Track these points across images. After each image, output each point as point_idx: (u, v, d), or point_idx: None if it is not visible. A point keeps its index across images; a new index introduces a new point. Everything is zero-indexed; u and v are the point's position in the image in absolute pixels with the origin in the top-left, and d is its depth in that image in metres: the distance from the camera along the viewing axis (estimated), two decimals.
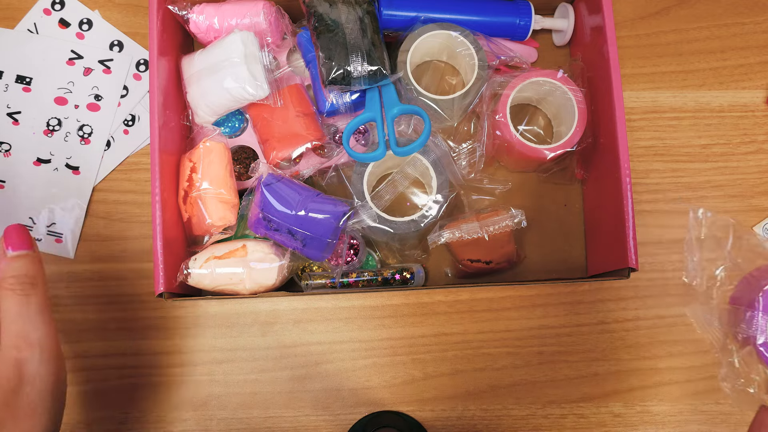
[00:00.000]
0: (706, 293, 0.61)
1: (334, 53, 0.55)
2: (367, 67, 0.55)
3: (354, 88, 0.56)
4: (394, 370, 0.61)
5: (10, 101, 0.64)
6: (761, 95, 0.66)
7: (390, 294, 0.62)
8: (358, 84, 0.55)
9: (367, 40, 0.56)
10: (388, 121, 0.56)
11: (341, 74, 0.55)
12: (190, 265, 0.54)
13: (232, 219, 0.56)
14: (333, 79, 0.55)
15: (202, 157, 0.56)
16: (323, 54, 0.55)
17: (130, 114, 0.65)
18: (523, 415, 0.61)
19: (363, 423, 0.59)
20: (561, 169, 0.60)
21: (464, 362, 0.61)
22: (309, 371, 0.61)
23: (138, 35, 0.66)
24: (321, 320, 0.62)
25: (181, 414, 0.60)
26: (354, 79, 0.55)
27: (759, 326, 0.56)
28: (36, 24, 0.65)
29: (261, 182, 0.55)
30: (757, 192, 0.64)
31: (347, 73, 0.55)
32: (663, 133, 0.65)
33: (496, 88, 0.58)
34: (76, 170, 0.63)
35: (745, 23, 0.67)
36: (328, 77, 0.55)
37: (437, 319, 0.62)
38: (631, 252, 0.52)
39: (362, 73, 0.55)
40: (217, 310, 0.62)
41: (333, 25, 0.56)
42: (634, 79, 0.66)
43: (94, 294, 0.62)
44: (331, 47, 0.55)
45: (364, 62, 0.55)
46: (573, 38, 0.64)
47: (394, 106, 0.56)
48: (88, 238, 0.63)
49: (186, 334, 0.61)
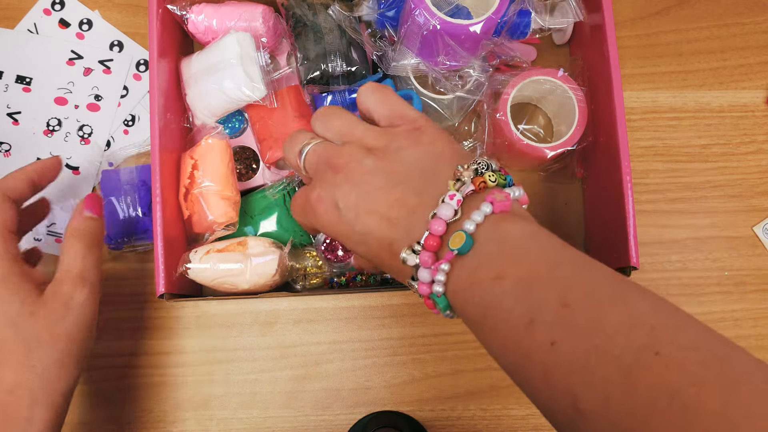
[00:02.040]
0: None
1: (312, 54, 0.55)
2: (345, 67, 0.55)
3: (332, 88, 0.57)
4: (394, 370, 0.61)
5: (10, 101, 0.64)
6: (761, 95, 0.66)
7: (390, 294, 0.62)
8: (337, 84, 0.56)
9: (345, 41, 0.56)
10: None
11: (319, 75, 0.55)
12: (190, 259, 0.54)
13: (234, 216, 0.56)
14: (311, 78, 0.55)
15: (204, 154, 0.56)
16: (301, 54, 0.56)
17: (130, 114, 0.65)
18: (523, 415, 0.61)
19: (363, 423, 0.59)
20: (561, 168, 0.60)
21: (464, 362, 0.61)
22: (309, 371, 0.61)
23: (138, 35, 0.66)
24: (321, 320, 0.62)
25: (181, 414, 0.60)
26: (332, 78, 0.55)
27: None
28: (36, 24, 0.65)
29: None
30: (757, 192, 0.64)
31: (325, 73, 0.55)
32: (663, 133, 0.65)
33: (497, 86, 0.58)
34: (76, 170, 0.63)
35: (745, 23, 0.67)
36: (306, 77, 0.55)
37: (437, 319, 0.62)
38: (632, 250, 0.52)
39: (340, 73, 0.55)
40: (217, 310, 0.62)
41: (311, 26, 0.56)
42: (634, 79, 0.66)
43: None
44: (308, 48, 0.55)
45: (342, 62, 0.55)
46: (573, 37, 0.64)
47: None
48: None
49: (186, 334, 0.61)
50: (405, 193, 0.36)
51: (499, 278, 0.33)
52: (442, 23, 0.51)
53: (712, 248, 0.64)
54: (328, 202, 0.38)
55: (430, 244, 0.34)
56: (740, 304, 0.63)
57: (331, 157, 0.39)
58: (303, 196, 0.41)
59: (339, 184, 0.38)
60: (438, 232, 0.34)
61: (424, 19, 0.51)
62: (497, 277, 0.33)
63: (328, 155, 0.39)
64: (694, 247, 0.64)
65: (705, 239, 0.64)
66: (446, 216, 0.34)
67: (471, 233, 0.34)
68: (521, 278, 0.33)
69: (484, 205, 0.34)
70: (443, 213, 0.34)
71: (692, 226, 0.64)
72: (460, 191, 0.35)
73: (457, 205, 0.35)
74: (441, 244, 0.35)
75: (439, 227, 0.34)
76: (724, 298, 0.63)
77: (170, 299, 0.53)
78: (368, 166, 0.38)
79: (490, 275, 0.33)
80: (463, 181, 0.36)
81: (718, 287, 0.63)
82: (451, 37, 0.52)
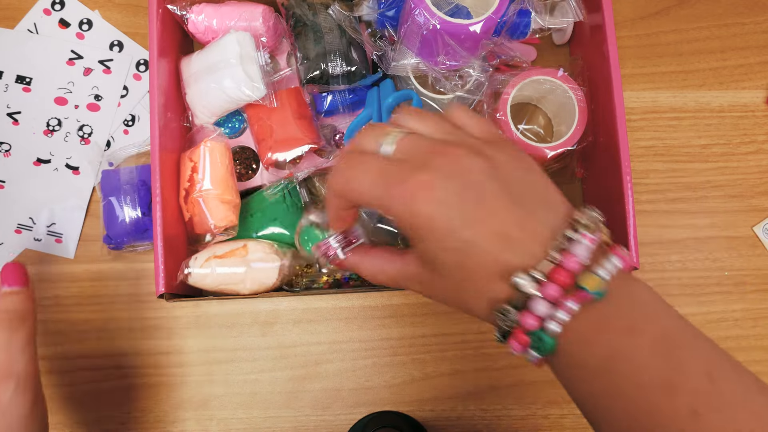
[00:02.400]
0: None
1: (312, 53, 0.55)
2: (345, 66, 0.55)
3: (332, 88, 0.57)
4: (394, 370, 0.61)
5: (10, 101, 0.64)
6: (761, 95, 0.66)
7: (390, 294, 0.62)
8: (336, 83, 0.56)
9: (345, 40, 0.56)
10: (384, 111, 0.56)
11: (319, 74, 0.55)
12: (191, 265, 0.54)
13: (234, 219, 0.56)
14: (311, 78, 0.55)
15: (203, 157, 0.56)
16: (301, 54, 0.56)
17: (130, 114, 0.65)
18: (523, 415, 0.61)
19: (363, 423, 0.59)
20: (561, 168, 0.60)
21: (464, 362, 0.61)
22: (309, 371, 0.61)
23: (138, 35, 0.66)
24: (321, 320, 0.62)
25: (181, 414, 0.60)
26: (332, 78, 0.55)
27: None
28: (36, 24, 0.65)
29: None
30: (757, 192, 0.64)
31: (325, 73, 0.55)
32: (663, 133, 0.65)
33: (497, 86, 0.58)
34: (76, 170, 0.63)
35: (745, 23, 0.67)
36: (305, 77, 0.55)
37: (437, 319, 0.62)
38: (633, 250, 0.52)
39: (340, 73, 0.55)
40: (217, 310, 0.62)
41: (311, 26, 0.56)
42: (634, 79, 0.66)
43: (94, 294, 0.62)
44: (308, 47, 0.56)
45: (342, 62, 0.55)
46: (573, 37, 0.64)
47: (388, 96, 0.56)
48: (88, 238, 0.63)
49: (186, 334, 0.61)
50: (528, 214, 0.33)
51: (634, 332, 0.31)
52: (442, 23, 0.51)
53: (712, 248, 0.64)
54: (440, 192, 0.32)
55: (560, 279, 0.31)
56: (740, 304, 0.63)
57: (436, 146, 0.34)
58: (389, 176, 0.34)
59: (454, 177, 0.32)
60: (572, 269, 0.31)
61: (424, 18, 0.51)
62: (631, 330, 0.31)
63: (433, 144, 0.34)
64: (694, 247, 0.64)
65: (705, 239, 0.64)
66: (581, 256, 0.31)
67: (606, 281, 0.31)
68: (659, 339, 0.31)
69: (614, 258, 0.32)
70: (579, 251, 0.32)
71: (692, 226, 0.64)
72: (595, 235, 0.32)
73: (592, 245, 0.32)
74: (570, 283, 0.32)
75: (573, 264, 0.31)
76: (724, 298, 0.63)
77: (170, 299, 0.53)
78: (486, 169, 0.33)
79: (623, 327, 0.31)
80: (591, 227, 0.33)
81: (718, 287, 0.63)
82: (451, 37, 0.52)
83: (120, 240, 0.58)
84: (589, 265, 0.32)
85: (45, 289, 0.61)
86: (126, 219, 0.58)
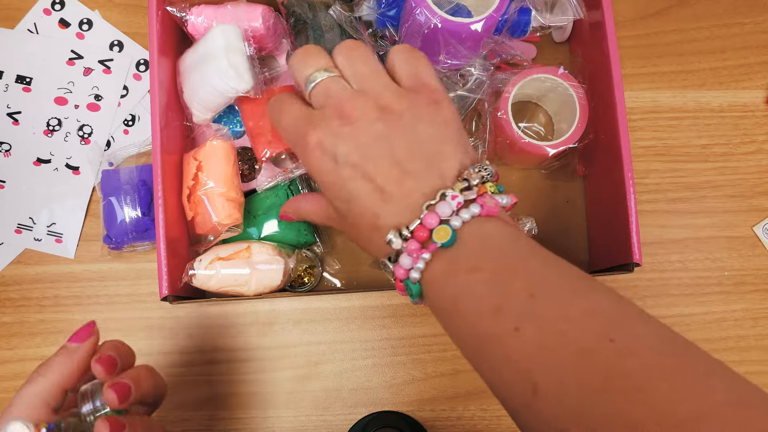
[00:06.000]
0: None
1: None
2: None
3: None
4: (394, 370, 0.61)
5: (10, 101, 0.64)
6: (761, 95, 0.66)
7: (390, 294, 0.62)
8: None
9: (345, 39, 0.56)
10: None
11: None
12: (195, 267, 0.54)
13: (239, 217, 0.56)
14: None
15: (209, 155, 0.56)
16: None
17: (130, 114, 0.65)
18: None
19: (363, 423, 0.59)
20: (563, 166, 0.60)
21: (464, 362, 0.61)
22: (309, 371, 0.61)
23: (138, 35, 0.66)
24: (321, 320, 0.62)
25: (182, 414, 0.60)
26: None
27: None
28: (36, 24, 0.65)
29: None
30: (757, 192, 0.65)
31: None
32: (663, 133, 0.65)
33: (498, 85, 0.58)
34: (76, 170, 0.63)
35: (745, 23, 0.67)
36: None
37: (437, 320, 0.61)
38: (635, 247, 0.52)
39: None
40: (217, 310, 0.62)
41: (311, 25, 0.56)
42: (634, 79, 0.66)
43: (94, 294, 0.62)
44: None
45: None
46: (572, 34, 0.64)
47: None
48: (88, 238, 0.62)
49: (186, 334, 0.61)
50: (406, 172, 0.37)
51: (476, 270, 0.35)
52: (443, 22, 0.51)
53: (712, 248, 0.64)
54: (329, 151, 0.38)
55: (419, 235, 0.36)
56: (740, 304, 0.63)
57: (343, 103, 0.39)
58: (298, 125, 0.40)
59: (344, 137, 0.38)
60: (430, 225, 0.35)
61: (425, 17, 0.51)
62: (474, 269, 0.35)
63: (341, 100, 0.39)
64: (694, 247, 0.64)
65: (705, 239, 0.64)
66: (443, 214, 0.36)
67: (456, 229, 0.35)
68: (495, 271, 0.34)
69: (473, 206, 0.36)
70: (441, 210, 0.36)
71: (692, 226, 0.64)
72: (464, 195, 0.36)
73: (456, 207, 0.36)
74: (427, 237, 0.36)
75: (432, 221, 0.35)
76: (724, 298, 0.63)
77: (174, 302, 0.53)
78: (378, 131, 0.38)
79: (467, 267, 0.35)
80: (471, 185, 0.37)
81: (718, 287, 0.63)
82: (452, 36, 0.52)
83: (120, 240, 0.58)
84: (447, 219, 0.36)
85: (45, 289, 0.61)
86: (126, 219, 0.58)
